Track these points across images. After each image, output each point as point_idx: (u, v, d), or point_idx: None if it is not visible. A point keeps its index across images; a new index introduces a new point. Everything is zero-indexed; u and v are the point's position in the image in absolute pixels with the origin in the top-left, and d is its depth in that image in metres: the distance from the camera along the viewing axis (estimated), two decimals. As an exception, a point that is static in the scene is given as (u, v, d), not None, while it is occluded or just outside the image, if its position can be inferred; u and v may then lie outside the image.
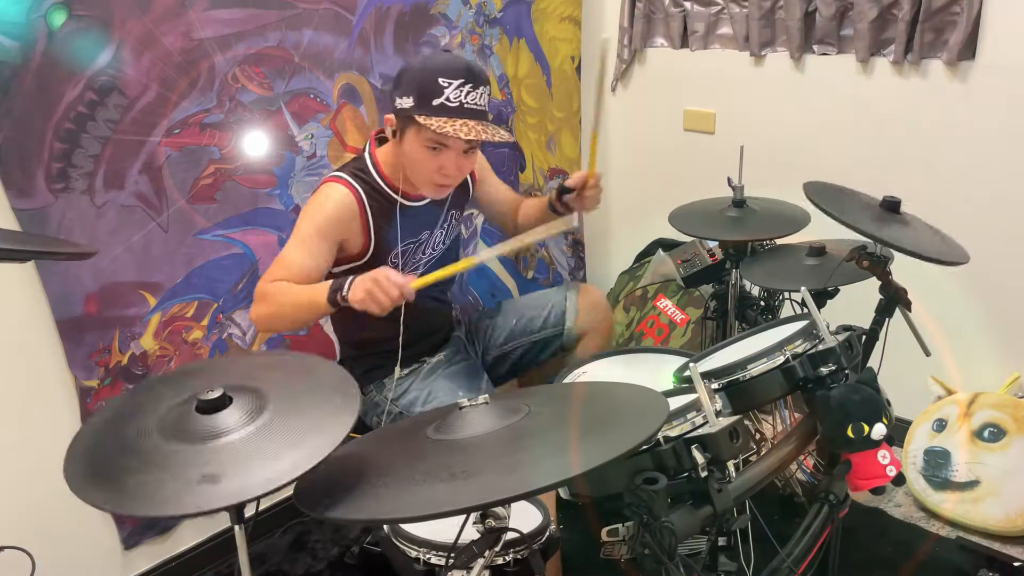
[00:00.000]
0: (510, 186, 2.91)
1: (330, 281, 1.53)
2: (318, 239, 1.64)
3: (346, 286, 1.50)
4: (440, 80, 1.57)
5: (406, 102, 1.61)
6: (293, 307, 1.58)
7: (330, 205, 1.67)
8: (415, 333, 1.80)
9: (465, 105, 1.58)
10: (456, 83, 1.57)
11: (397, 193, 1.74)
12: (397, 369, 1.76)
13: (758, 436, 2.22)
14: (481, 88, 1.61)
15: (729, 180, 2.06)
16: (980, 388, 2.25)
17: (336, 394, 1.17)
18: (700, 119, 2.76)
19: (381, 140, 1.79)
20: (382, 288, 1.47)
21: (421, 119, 1.57)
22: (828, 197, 1.68)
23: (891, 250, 1.67)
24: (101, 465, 1.07)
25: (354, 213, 1.69)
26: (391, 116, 1.68)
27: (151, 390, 1.24)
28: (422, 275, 1.81)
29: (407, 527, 1.38)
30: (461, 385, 1.82)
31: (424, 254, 1.83)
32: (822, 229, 1.84)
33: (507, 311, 2.07)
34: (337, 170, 1.75)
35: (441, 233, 1.86)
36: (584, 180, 1.81)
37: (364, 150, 1.79)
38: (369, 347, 1.87)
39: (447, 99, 1.57)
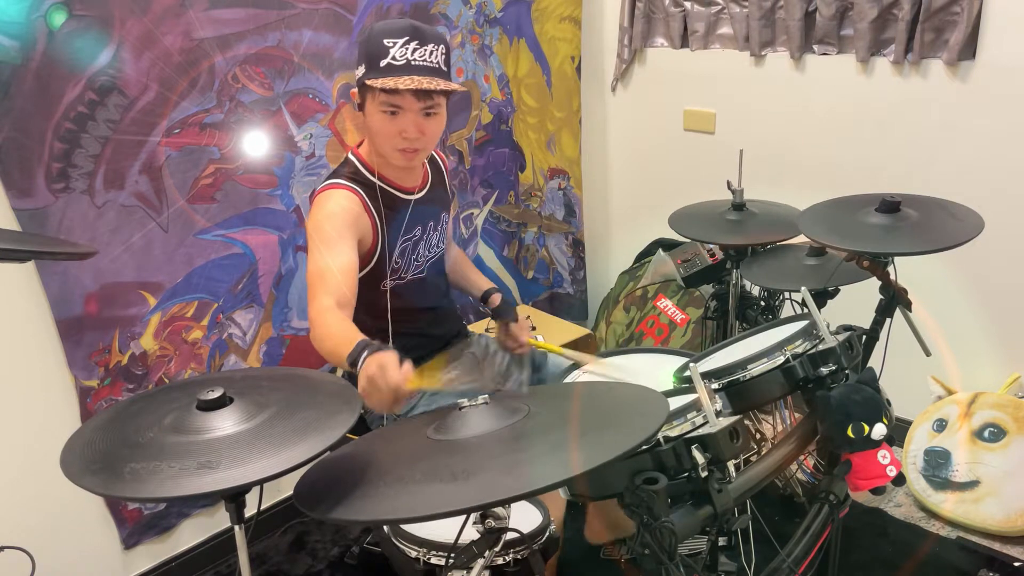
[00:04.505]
0: (511, 186, 2.92)
1: (356, 341, 1.42)
2: (339, 239, 1.62)
3: (360, 360, 1.38)
4: (385, 41, 1.58)
5: (360, 71, 1.63)
6: (332, 348, 1.50)
7: (337, 207, 1.66)
8: (427, 342, 1.80)
9: (412, 63, 1.59)
10: (400, 42, 1.58)
11: (383, 182, 1.74)
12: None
13: (758, 436, 2.22)
14: (430, 45, 1.61)
15: (729, 184, 2.06)
16: (980, 388, 2.25)
17: (336, 399, 1.17)
18: (700, 119, 2.76)
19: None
20: (376, 386, 1.30)
21: (370, 82, 1.59)
22: (824, 226, 1.69)
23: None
24: (99, 455, 1.07)
25: (361, 211, 1.68)
26: (355, 90, 1.69)
27: (152, 397, 1.25)
28: (419, 278, 1.82)
29: (407, 527, 1.38)
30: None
31: (421, 255, 1.83)
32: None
33: (552, 372, 1.96)
34: (328, 178, 1.74)
35: (436, 235, 1.86)
36: (522, 342, 1.86)
37: (348, 154, 1.79)
38: None
39: (393, 58, 1.58)
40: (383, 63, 1.58)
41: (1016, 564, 2.04)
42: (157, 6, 1.85)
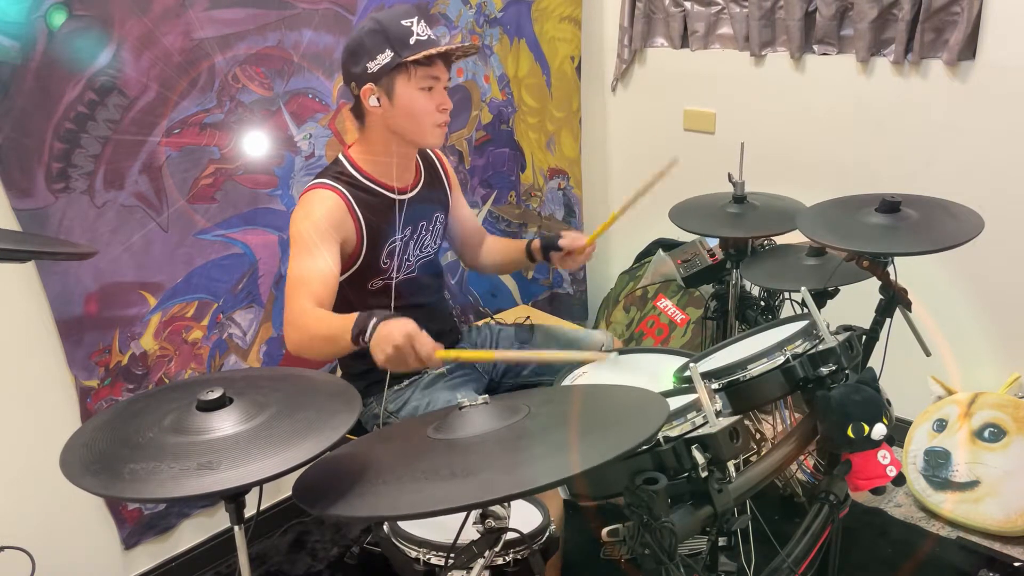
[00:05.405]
0: (511, 186, 2.92)
1: (355, 317, 1.47)
2: (321, 243, 1.62)
3: (368, 330, 1.44)
4: (403, 22, 1.65)
5: (383, 59, 1.65)
6: (322, 340, 1.54)
7: (322, 208, 1.66)
8: None
9: (431, 37, 1.68)
10: (415, 20, 1.66)
11: (371, 182, 1.74)
12: (386, 388, 1.77)
13: (758, 436, 2.23)
14: (429, 23, 1.72)
15: (730, 176, 2.05)
16: (980, 388, 2.25)
17: (336, 399, 1.17)
18: (700, 119, 2.76)
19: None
20: (403, 354, 1.41)
21: (410, 59, 1.63)
22: (824, 226, 1.69)
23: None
24: (99, 455, 1.07)
25: (345, 213, 1.68)
26: (369, 86, 1.67)
27: (152, 397, 1.25)
28: (415, 275, 1.82)
29: (407, 527, 1.37)
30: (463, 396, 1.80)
31: (412, 255, 1.82)
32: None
33: (541, 344, 2.00)
34: (317, 177, 1.74)
35: (429, 236, 1.86)
36: (581, 247, 1.90)
37: (339, 155, 1.79)
38: (368, 359, 1.85)
39: (419, 35, 1.65)
40: (412, 40, 1.64)
41: (1016, 564, 2.04)
42: (157, 6, 1.85)
